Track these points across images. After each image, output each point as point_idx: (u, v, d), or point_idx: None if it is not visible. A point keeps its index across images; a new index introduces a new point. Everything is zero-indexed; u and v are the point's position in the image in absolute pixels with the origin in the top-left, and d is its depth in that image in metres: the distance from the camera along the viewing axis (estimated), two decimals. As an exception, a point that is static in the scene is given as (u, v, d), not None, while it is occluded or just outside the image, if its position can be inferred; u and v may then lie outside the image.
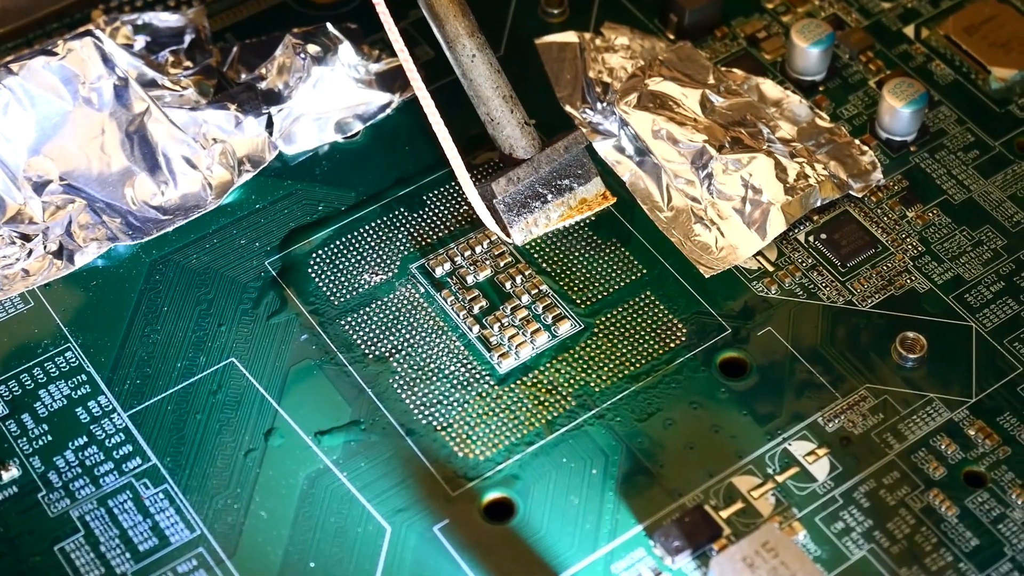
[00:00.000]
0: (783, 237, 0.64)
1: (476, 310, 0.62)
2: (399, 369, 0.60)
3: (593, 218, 0.65)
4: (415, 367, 0.60)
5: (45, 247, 0.62)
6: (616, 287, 0.63)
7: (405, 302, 0.62)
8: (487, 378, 0.60)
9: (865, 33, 0.71)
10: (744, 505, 0.57)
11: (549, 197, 0.64)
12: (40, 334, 0.61)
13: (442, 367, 0.60)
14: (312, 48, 0.67)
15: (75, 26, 0.70)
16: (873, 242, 0.64)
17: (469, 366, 0.60)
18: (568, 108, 0.68)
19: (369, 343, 0.61)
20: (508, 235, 0.63)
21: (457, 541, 0.56)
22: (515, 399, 0.59)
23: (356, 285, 0.62)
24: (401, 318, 0.62)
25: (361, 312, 0.62)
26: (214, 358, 0.60)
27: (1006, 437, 0.58)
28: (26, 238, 0.62)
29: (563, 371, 0.60)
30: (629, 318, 0.62)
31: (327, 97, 0.67)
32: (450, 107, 0.65)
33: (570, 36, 0.70)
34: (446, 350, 0.61)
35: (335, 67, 0.67)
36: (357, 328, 0.61)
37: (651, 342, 0.61)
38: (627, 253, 0.64)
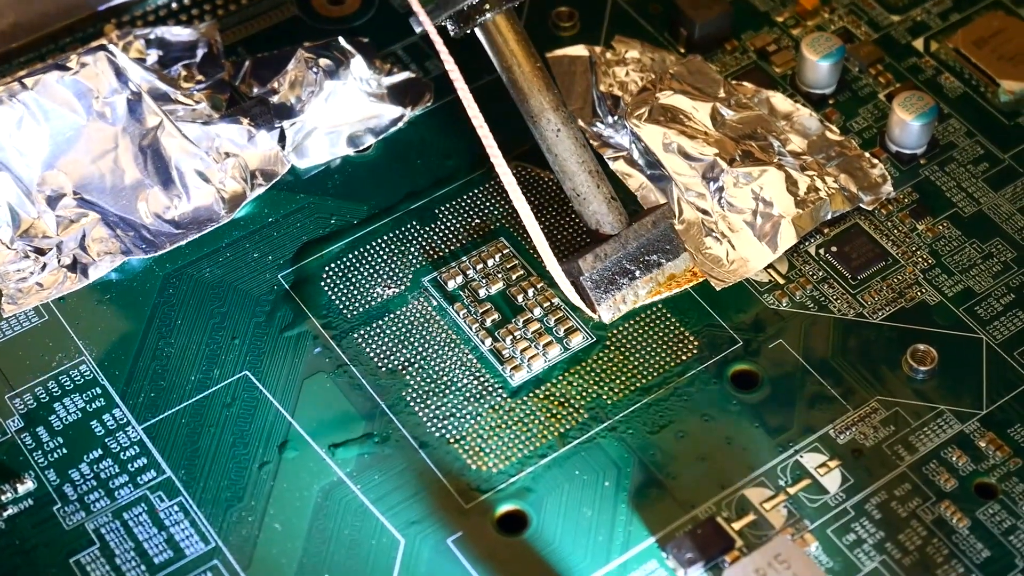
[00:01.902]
0: (794, 250, 0.64)
1: (488, 323, 0.62)
2: (412, 382, 0.60)
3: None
4: (428, 380, 0.60)
5: (59, 261, 0.63)
6: (628, 300, 0.63)
7: (418, 315, 0.62)
8: (500, 391, 0.60)
9: (874, 46, 0.71)
10: (756, 517, 0.57)
11: (637, 273, 0.63)
12: (54, 347, 0.61)
13: (455, 380, 0.60)
14: (324, 62, 0.67)
15: (87, 40, 0.70)
16: (883, 255, 0.64)
17: (482, 379, 0.60)
18: (579, 121, 0.68)
19: (382, 356, 0.61)
20: (595, 312, 0.62)
21: (471, 553, 0.56)
22: (527, 412, 0.60)
23: (369, 298, 0.63)
24: (414, 331, 0.62)
25: (374, 325, 0.62)
26: (228, 371, 0.61)
27: (1017, 449, 0.59)
28: (40, 252, 0.63)
29: (575, 384, 0.60)
30: (641, 331, 0.62)
31: (339, 111, 0.67)
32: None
33: (581, 50, 0.70)
34: (459, 363, 0.61)
35: (347, 81, 0.67)
36: (370, 341, 0.61)
37: (663, 355, 0.61)
38: (638, 266, 0.64)
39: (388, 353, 0.61)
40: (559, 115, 0.63)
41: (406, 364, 0.61)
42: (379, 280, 0.63)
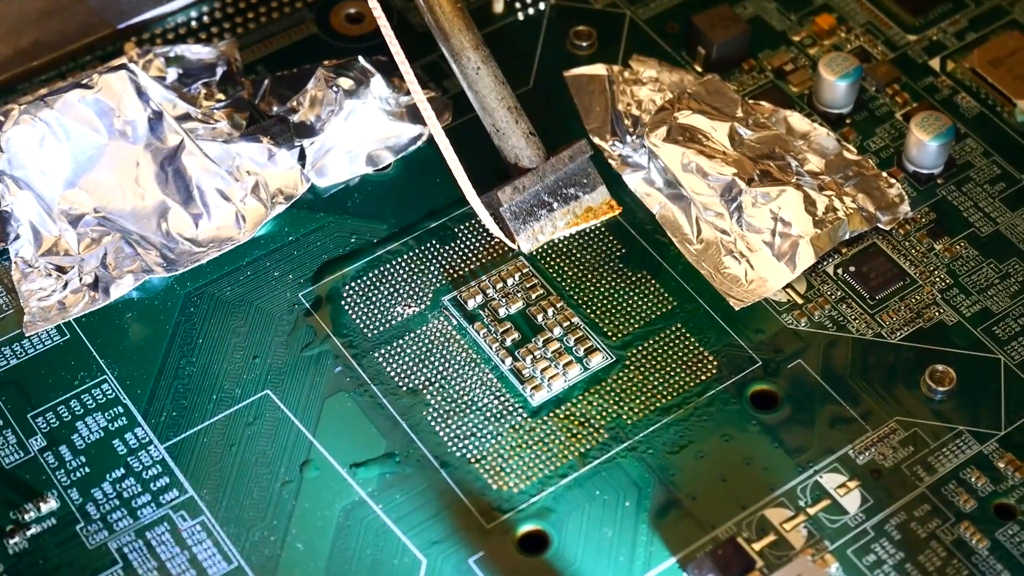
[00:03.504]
0: (812, 270, 0.64)
1: (508, 342, 0.62)
2: (433, 401, 0.61)
3: (623, 250, 0.65)
4: (448, 399, 0.61)
5: (81, 279, 0.63)
6: (647, 319, 0.63)
7: (438, 334, 0.63)
8: (520, 410, 0.60)
9: (891, 66, 0.71)
10: (776, 537, 0.57)
11: (555, 206, 0.65)
12: (76, 366, 0.61)
13: (475, 399, 0.61)
14: (344, 81, 0.67)
15: (108, 59, 0.70)
16: (901, 274, 0.64)
17: (502, 398, 0.61)
18: (597, 140, 0.68)
19: (403, 375, 0.61)
20: (514, 242, 0.64)
21: (492, 573, 0.56)
22: (548, 431, 0.60)
23: (389, 317, 0.63)
24: (434, 350, 0.62)
25: (394, 344, 0.62)
26: (249, 390, 0.61)
27: (1036, 470, 0.59)
28: (62, 270, 0.63)
29: (595, 403, 0.61)
30: (660, 350, 0.62)
31: (359, 130, 0.67)
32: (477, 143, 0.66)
33: (599, 69, 0.70)
34: (479, 382, 0.61)
35: (367, 100, 0.67)
36: (390, 360, 0.62)
37: (682, 375, 0.61)
38: (657, 285, 0.64)
39: (409, 372, 0.61)
40: (479, 54, 0.65)
41: (426, 383, 0.61)
42: (399, 299, 0.64)
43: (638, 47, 0.72)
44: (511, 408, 0.60)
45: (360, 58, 0.68)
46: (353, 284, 0.64)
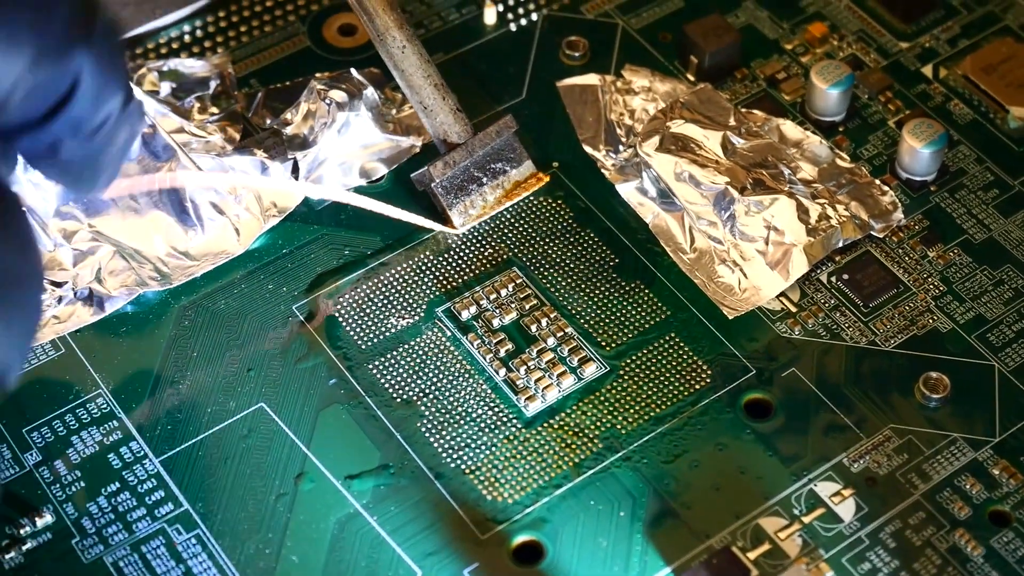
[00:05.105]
0: (806, 278, 0.64)
1: (502, 353, 0.62)
2: (427, 413, 0.61)
3: (617, 260, 0.65)
4: (443, 410, 0.61)
5: (75, 293, 0.63)
6: (640, 329, 0.63)
7: (432, 346, 0.63)
8: (514, 421, 0.61)
9: (883, 74, 0.72)
10: (771, 546, 0.57)
11: (484, 180, 0.66)
12: (71, 380, 0.62)
13: (469, 410, 0.61)
14: (336, 94, 0.67)
15: (101, 73, 0.70)
16: (895, 282, 0.64)
17: (496, 409, 0.61)
18: (590, 150, 0.68)
19: (397, 387, 0.61)
20: (450, 222, 0.66)
21: (487, 584, 0.56)
22: (542, 442, 0.60)
23: (383, 329, 0.63)
24: (428, 362, 0.62)
25: (388, 356, 0.62)
26: (243, 403, 0.61)
27: (1030, 476, 0.59)
28: (56, 284, 0.63)
29: (589, 413, 0.61)
30: (654, 360, 0.62)
31: (352, 142, 0.67)
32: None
33: (591, 79, 0.71)
34: (473, 393, 0.61)
35: (360, 112, 0.67)
36: (385, 372, 0.62)
37: (676, 384, 0.62)
38: (651, 295, 0.64)
39: (403, 384, 0.61)
40: (404, 32, 0.66)
41: (421, 395, 0.61)
42: (393, 311, 0.64)
43: (630, 57, 0.72)
44: (505, 419, 0.61)
45: (353, 71, 0.69)
46: (347, 296, 0.64)
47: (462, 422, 0.60)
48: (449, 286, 0.64)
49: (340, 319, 0.63)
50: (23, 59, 0.47)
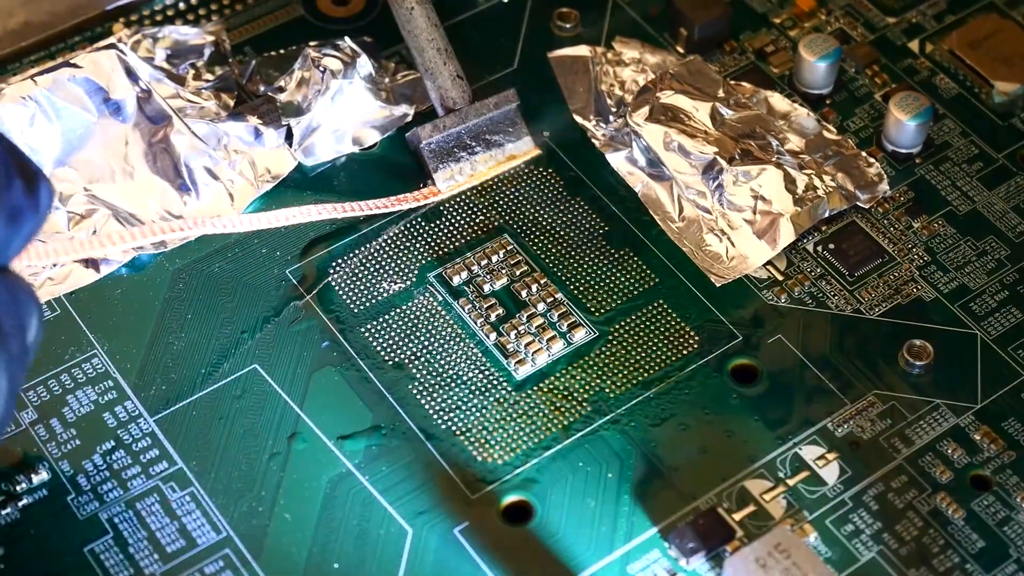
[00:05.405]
0: (792, 247, 0.65)
1: (493, 318, 0.63)
2: (418, 375, 0.61)
3: (606, 227, 0.66)
4: (434, 373, 0.61)
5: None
6: (629, 296, 0.64)
7: (424, 310, 0.63)
8: (504, 384, 0.61)
9: (871, 48, 0.72)
10: (756, 508, 0.58)
11: (477, 149, 0.67)
12: (67, 341, 0.62)
13: (460, 373, 0.62)
14: (330, 61, 0.68)
15: (96, 39, 0.71)
16: (880, 252, 0.65)
17: (487, 372, 0.62)
18: (581, 120, 0.69)
19: (389, 350, 0.62)
20: (433, 184, 0.67)
21: (477, 543, 0.57)
22: (532, 405, 0.61)
23: (375, 293, 0.64)
24: (420, 326, 0.63)
25: (380, 320, 0.63)
26: (237, 364, 0.62)
27: (1011, 442, 0.60)
28: (52, 247, 0.64)
29: (578, 377, 0.62)
30: (643, 326, 0.63)
31: (345, 109, 0.68)
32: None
33: (582, 50, 0.71)
34: (464, 357, 0.62)
35: (353, 80, 0.68)
36: (377, 335, 0.63)
37: (664, 349, 0.62)
38: (640, 262, 0.65)
39: (395, 347, 0.62)
40: None
41: (412, 358, 0.62)
42: (386, 276, 0.64)
43: (621, 29, 0.73)
44: (496, 382, 0.61)
45: (347, 38, 0.69)
46: (340, 261, 0.65)
47: (453, 385, 0.61)
48: (441, 252, 0.65)
49: (333, 283, 0.64)
50: None
